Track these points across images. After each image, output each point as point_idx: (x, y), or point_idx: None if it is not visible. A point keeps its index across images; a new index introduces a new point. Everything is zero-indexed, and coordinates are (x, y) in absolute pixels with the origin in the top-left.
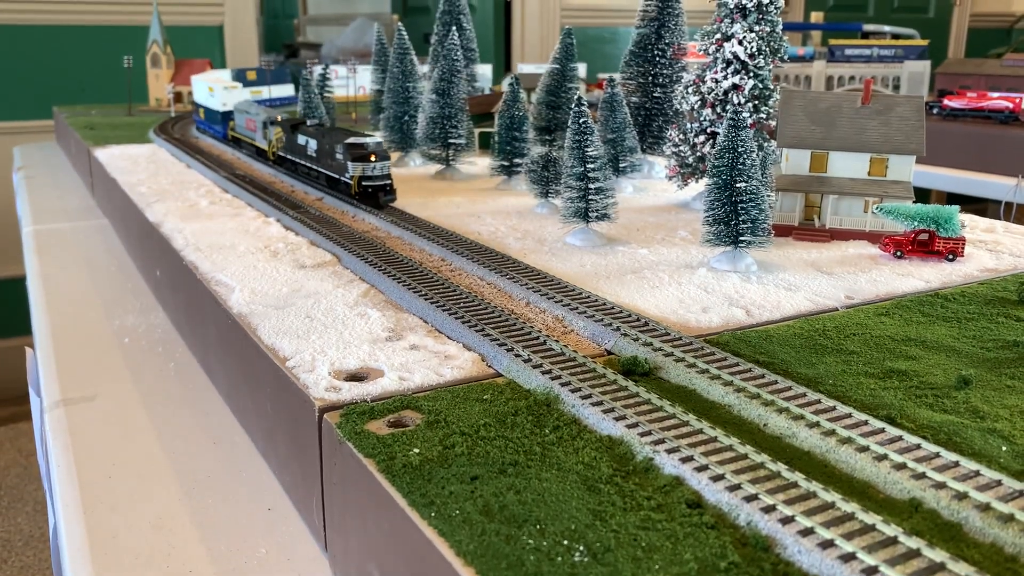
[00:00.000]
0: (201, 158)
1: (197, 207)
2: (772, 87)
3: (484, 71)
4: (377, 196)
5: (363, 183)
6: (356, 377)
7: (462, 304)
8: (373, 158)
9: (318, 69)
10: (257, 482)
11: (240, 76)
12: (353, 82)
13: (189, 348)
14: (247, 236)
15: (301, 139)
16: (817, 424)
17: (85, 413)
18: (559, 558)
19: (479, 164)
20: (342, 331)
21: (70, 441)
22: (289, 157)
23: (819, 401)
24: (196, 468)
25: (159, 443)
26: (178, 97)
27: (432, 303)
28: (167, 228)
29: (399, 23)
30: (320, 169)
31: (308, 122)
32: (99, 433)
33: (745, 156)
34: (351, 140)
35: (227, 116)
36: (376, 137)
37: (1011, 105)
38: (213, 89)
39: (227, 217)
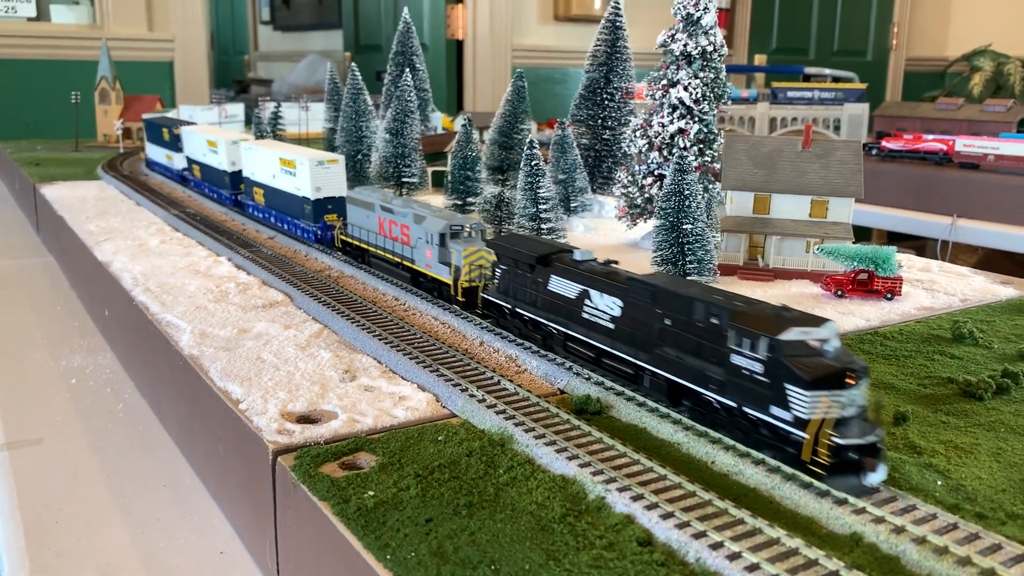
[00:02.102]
0: (151, 196)
1: (147, 246)
2: (717, 131)
3: (435, 118)
4: (859, 469)
5: (834, 442)
6: (308, 419)
7: (416, 344)
8: (851, 379)
9: (270, 106)
10: (209, 525)
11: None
12: (306, 119)
13: (138, 389)
14: (198, 275)
15: (568, 288)
16: (762, 461)
17: (30, 456)
18: None
19: (432, 203)
20: (293, 372)
21: (15, 485)
22: (530, 315)
23: None
24: (145, 512)
25: (107, 486)
26: (127, 133)
27: (386, 343)
28: (116, 267)
29: (352, 63)
30: (664, 373)
31: (579, 254)
32: (45, 477)
33: (691, 199)
34: (793, 331)
35: (236, 178)
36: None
37: (945, 147)
38: (216, 144)
39: (177, 256)
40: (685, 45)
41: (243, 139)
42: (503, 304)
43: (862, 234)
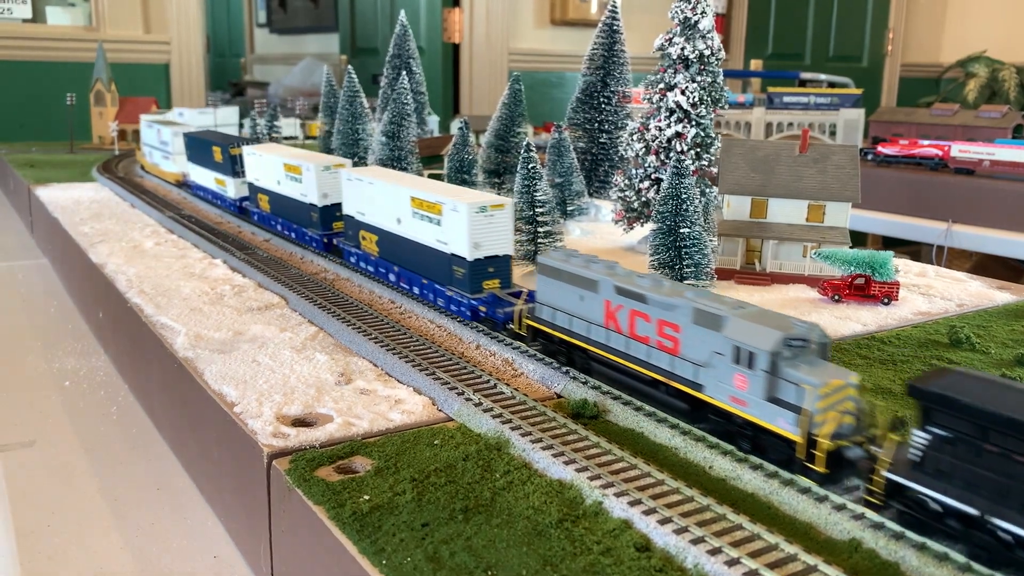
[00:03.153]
0: (146, 198)
1: (142, 248)
2: (714, 135)
3: (432, 121)
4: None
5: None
6: (304, 423)
7: (412, 347)
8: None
9: (264, 117)
10: (202, 529)
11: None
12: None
13: (132, 392)
14: (193, 278)
15: None
16: (761, 466)
17: (22, 459)
18: None
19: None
20: (289, 375)
21: (6, 488)
22: None
23: None
24: (139, 515)
25: (100, 490)
26: (122, 135)
27: (382, 346)
28: (110, 269)
29: (349, 66)
30: None
31: None
32: (37, 480)
33: (688, 203)
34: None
35: (328, 214)
36: None
37: (940, 153)
38: (300, 170)
39: (172, 258)
40: (683, 49)
41: (338, 165)
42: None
43: (858, 239)
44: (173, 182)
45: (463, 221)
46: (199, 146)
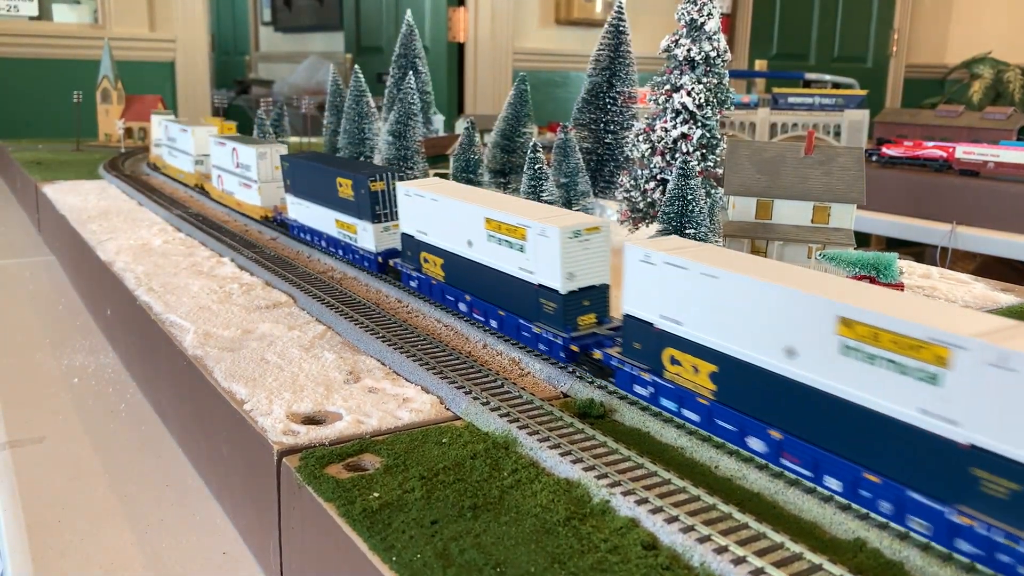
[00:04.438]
0: (153, 196)
1: (150, 245)
2: (719, 136)
3: (437, 120)
4: None
5: None
6: (313, 420)
7: (420, 346)
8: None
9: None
10: (211, 526)
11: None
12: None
13: (141, 389)
14: (201, 276)
15: None
16: (767, 466)
17: (33, 455)
18: None
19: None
20: (298, 374)
21: (17, 484)
22: None
23: None
24: (148, 512)
25: (110, 486)
26: (128, 133)
27: (390, 345)
28: (118, 267)
29: (355, 65)
30: None
31: None
32: (47, 476)
33: (694, 204)
34: None
35: (574, 304)
36: None
37: (945, 154)
38: (526, 234)
39: (180, 256)
40: (688, 50)
41: (591, 229)
42: None
43: (861, 240)
44: (258, 218)
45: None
46: (310, 175)
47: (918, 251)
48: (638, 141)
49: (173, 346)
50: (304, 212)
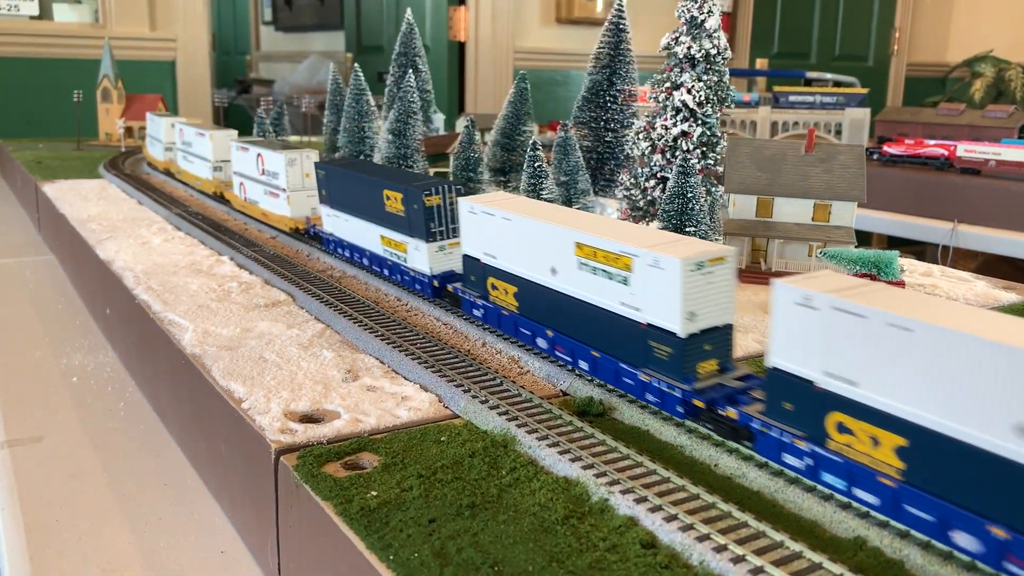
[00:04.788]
0: (153, 195)
1: (149, 244)
2: (720, 134)
3: (437, 119)
4: None
5: None
6: (311, 419)
7: (418, 344)
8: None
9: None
10: (210, 525)
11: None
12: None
13: (139, 388)
14: (200, 274)
15: None
16: (766, 464)
17: (31, 455)
18: None
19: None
20: (296, 372)
21: (15, 484)
22: None
23: None
24: (147, 511)
25: (108, 485)
26: (129, 132)
27: (389, 343)
28: (118, 266)
29: (356, 64)
30: None
31: None
32: (46, 475)
33: (694, 201)
34: None
35: (695, 349)
36: None
37: (946, 152)
38: (631, 265)
39: (180, 255)
40: (689, 48)
41: (715, 260)
42: None
43: (863, 238)
44: (287, 230)
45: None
46: (350, 185)
47: (919, 250)
48: (638, 139)
49: (171, 345)
50: (342, 226)
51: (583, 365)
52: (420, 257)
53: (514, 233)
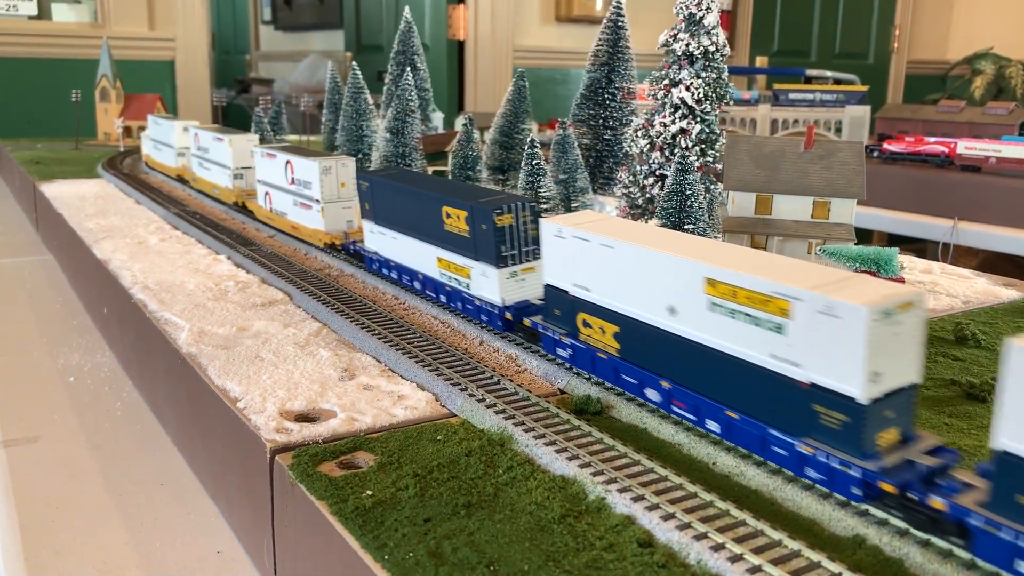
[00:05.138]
0: (151, 194)
1: (146, 244)
2: (718, 131)
3: (436, 118)
4: None
5: None
6: (307, 418)
7: (416, 343)
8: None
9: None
10: (206, 524)
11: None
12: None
13: (136, 388)
14: (197, 273)
15: None
16: (764, 463)
17: (27, 454)
18: None
19: None
20: (292, 371)
21: (11, 484)
22: None
23: None
24: (143, 511)
25: (105, 485)
26: (127, 131)
27: (385, 342)
28: (115, 265)
29: (353, 62)
30: None
31: None
32: (42, 475)
33: (693, 199)
34: None
35: (878, 416)
36: None
37: (946, 150)
38: (789, 309)
39: (177, 254)
40: (687, 45)
41: (904, 307)
42: None
43: (863, 236)
44: (321, 245)
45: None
46: (401, 199)
47: (920, 247)
48: (637, 136)
49: (168, 344)
50: (389, 244)
51: (712, 426)
52: (488, 284)
53: (617, 263)
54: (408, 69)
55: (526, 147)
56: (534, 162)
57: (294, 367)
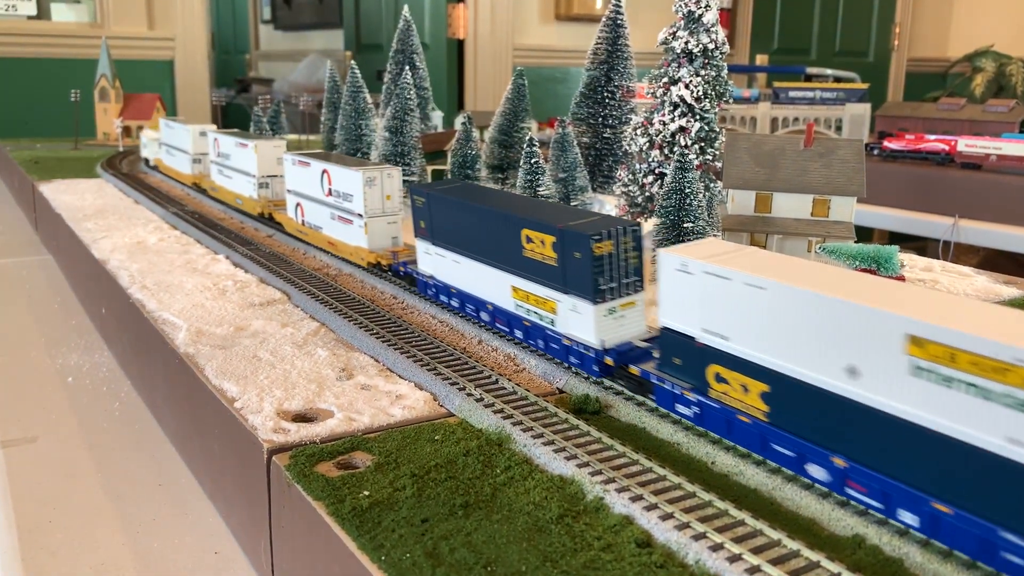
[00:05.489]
0: (150, 193)
1: (145, 243)
2: (718, 129)
3: (436, 117)
4: None
5: None
6: (304, 418)
7: (414, 343)
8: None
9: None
10: (204, 525)
11: None
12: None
13: (135, 388)
14: (195, 273)
15: None
16: (763, 462)
17: (25, 455)
18: None
19: None
20: (290, 371)
21: (8, 484)
22: None
23: None
24: (141, 511)
25: (103, 486)
26: (127, 131)
27: (384, 341)
28: (113, 265)
29: (352, 61)
30: None
31: None
32: (40, 475)
33: (692, 197)
34: None
35: None
36: None
37: (947, 147)
38: None
39: (175, 254)
40: (686, 43)
41: None
42: None
43: (864, 234)
44: (364, 264)
45: None
46: (467, 218)
47: (921, 245)
48: (636, 135)
49: (166, 344)
50: (449, 268)
51: (908, 519)
52: (581, 322)
53: (771, 308)
54: (407, 68)
55: (525, 146)
56: (533, 160)
57: (292, 367)
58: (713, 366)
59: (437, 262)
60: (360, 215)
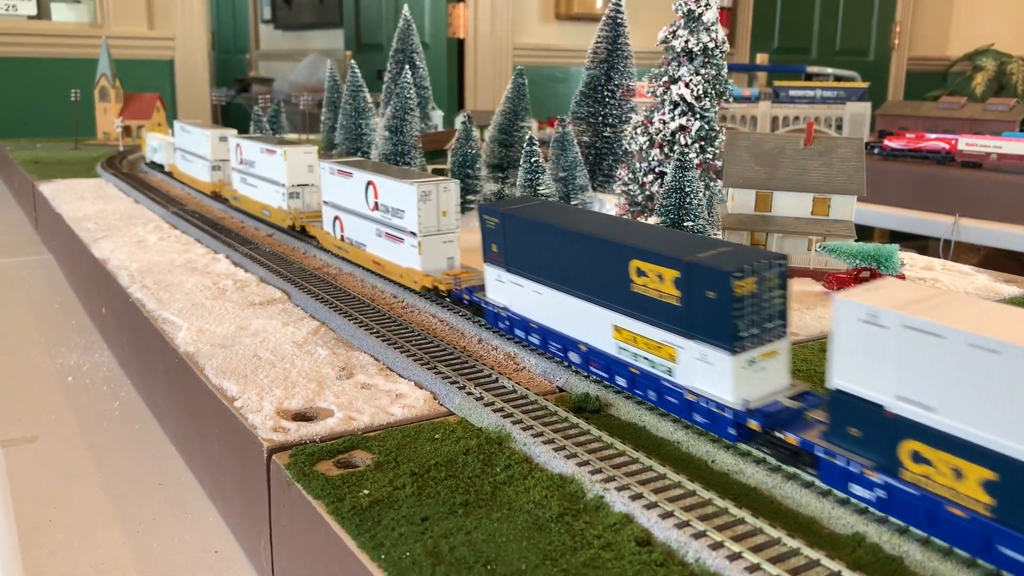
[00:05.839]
0: (150, 193)
1: (145, 243)
2: (718, 128)
3: (436, 116)
4: None
5: None
6: (304, 417)
7: (414, 342)
8: None
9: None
10: (204, 524)
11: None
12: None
13: (135, 387)
14: (195, 272)
15: None
16: (764, 460)
17: (25, 454)
18: None
19: None
20: (290, 370)
21: (8, 484)
22: None
23: None
24: (141, 511)
25: (102, 485)
26: (127, 131)
27: (384, 340)
28: (113, 264)
29: (352, 60)
30: None
31: None
32: (39, 475)
33: (692, 196)
34: None
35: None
36: None
37: (947, 146)
38: None
39: (175, 253)
40: (686, 41)
41: None
42: None
43: (864, 233)
44: (417, 288)
45: None
46: (549, 241)
47: (922, 244)
48: (636, 134)
49: (165, 343)
50: (528, 299)
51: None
52: (712, 375)
53: (1006, 376)
54: (407, 67)
55: (525, 145)
56: (533, 160)
57: (292, 366)
58: (910, 442)
59: (513, 292)
60: (413, 233)
